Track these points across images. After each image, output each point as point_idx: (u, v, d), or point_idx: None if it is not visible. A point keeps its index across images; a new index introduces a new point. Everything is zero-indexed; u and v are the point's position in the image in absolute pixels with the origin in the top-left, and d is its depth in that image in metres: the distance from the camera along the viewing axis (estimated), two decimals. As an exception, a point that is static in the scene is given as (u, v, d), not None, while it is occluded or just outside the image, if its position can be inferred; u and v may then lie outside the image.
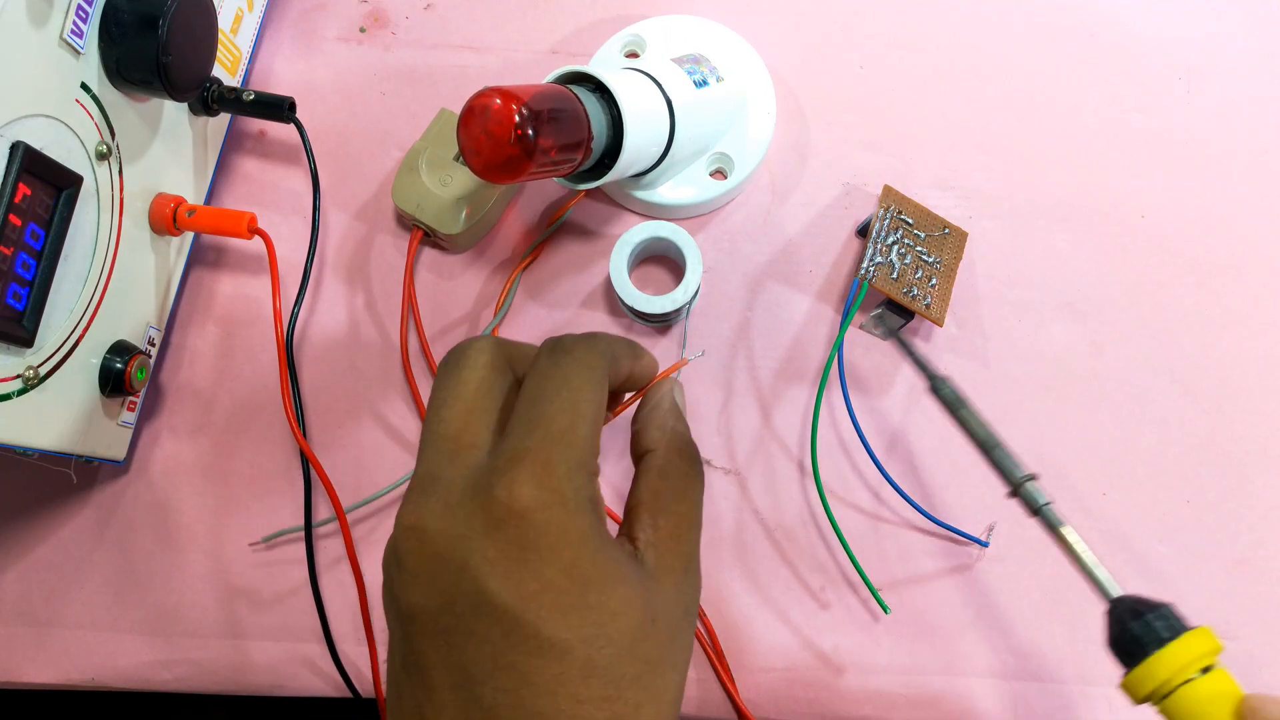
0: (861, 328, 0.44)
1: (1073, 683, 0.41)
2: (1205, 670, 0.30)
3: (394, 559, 0.27)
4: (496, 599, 0.25)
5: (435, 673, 0.26)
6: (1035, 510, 0.34)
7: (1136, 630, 0.31)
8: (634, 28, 0.46)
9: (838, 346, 0.41)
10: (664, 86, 0.40)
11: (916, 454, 0.43)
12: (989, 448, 0.35)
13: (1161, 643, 0.31)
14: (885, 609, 0.41)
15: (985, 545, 0.42)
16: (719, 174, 0.45)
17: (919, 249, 0.42)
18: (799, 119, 0.47)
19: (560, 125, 0.35)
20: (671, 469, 0.30)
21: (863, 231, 0.42)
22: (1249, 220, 0.45)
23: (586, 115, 0.36)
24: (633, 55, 0.46)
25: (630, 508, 0.29)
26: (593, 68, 0.38)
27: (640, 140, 0.38)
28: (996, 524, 0.42)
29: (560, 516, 0.26)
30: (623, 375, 0.30)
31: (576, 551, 0.26)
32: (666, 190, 0.44)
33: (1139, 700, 0.31)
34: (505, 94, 0.34)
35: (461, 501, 0.26)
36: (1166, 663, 0.30)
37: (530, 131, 0.34)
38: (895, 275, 0.41)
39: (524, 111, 0.33)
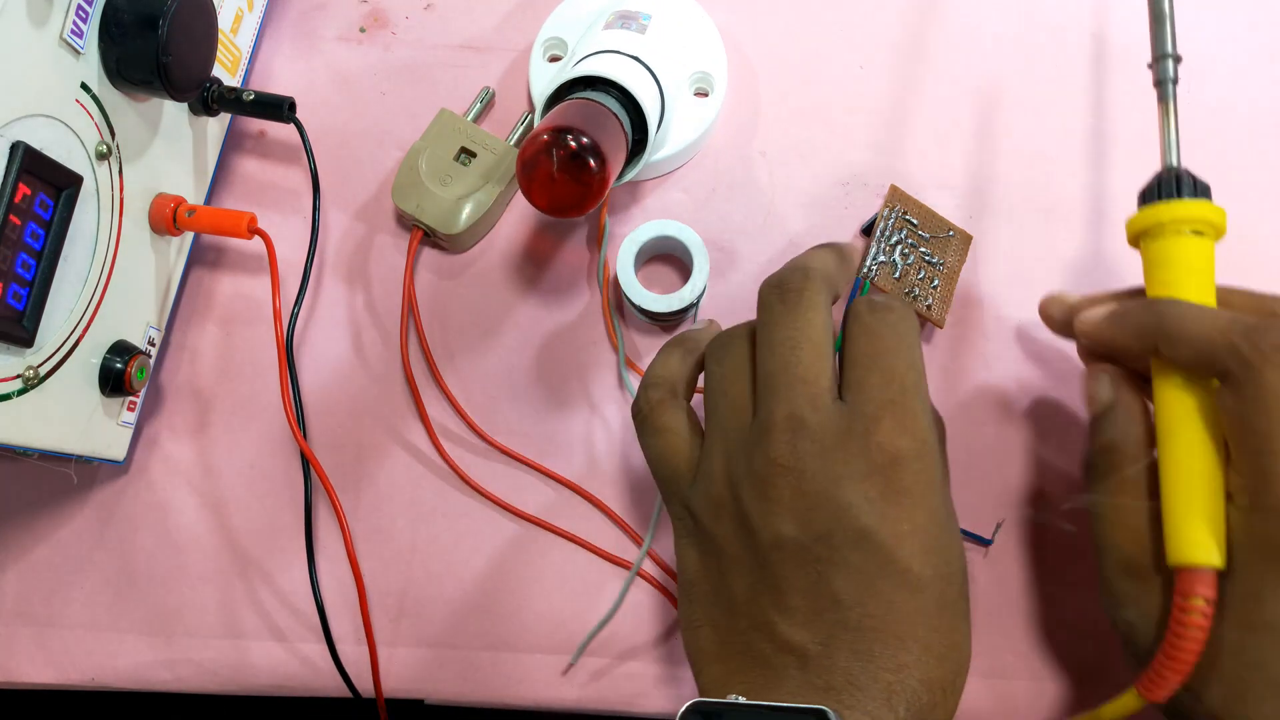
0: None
1: (1073, 683, 0.41)
2: (1197, 233, 0.34)
3: (756, 492, 0.30)
4: (876, 535, 0.29)
5: (800, 596, 0.29)
6: (1158, 81, 0.38)
7: (1164, 184, 0.35)
8: (545, 29, 0.47)
9: (837, 346, 0.41)
10: (623, 50, 0.40)
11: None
12: (1158, 19, 0.38)
13: (1176, 197, 0.35)
14: None
15: (989, 543, 0.42)
16: (701, 93, 0.45)
17: (923, 250, 0.41)
18: (799, 119, 0.47)
19: (607, 134, 0.35)
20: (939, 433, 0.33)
21: (867, 230, 0.42)
22: (1249, 220, 0.45)
23: (615, 113, 0.37)
24: (555, 59, 0.47)
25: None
26: (582, 69, 0.38)
27: (650, 105, 0.39)
28: (1003, 521, 0.42)
29: (929, 465, 0.30)
30: None
31: (939, 498, 0.30)
32: (675, 139, 0.45)
33: (1132, 238, 0.36)
34: (553, 130, 0.34)
35: (839, 445, 0.30)
36: (1167, 211, 0.35)
37: (594, 159, 0.34)
38: (898, 275, 0.41)
39: (583, 141, 0.34)
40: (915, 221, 0.42)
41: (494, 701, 0.42)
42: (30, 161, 0.32)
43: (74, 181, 0.35)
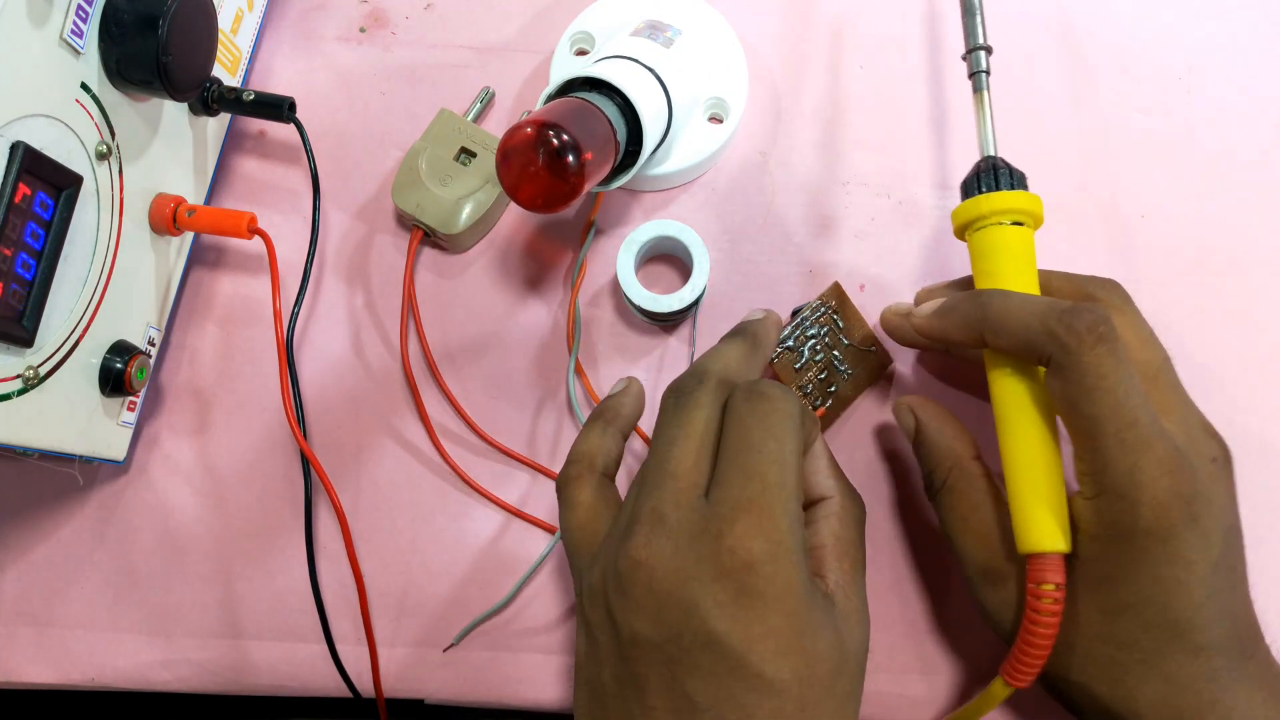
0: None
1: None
2: (1016, 224, 0.36)
3: (618, 587, 0.30)
4: (725, 640, 0.28)
5: (656, 695, 0.29)
6: (972, 73, 0.39)
7: (983, 176, 0.37)
8: (575, 23, 0.46)
9: None
10: (641, 60, 0.40)
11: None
12: (968, 12, 0.40)
13: (995, 189, 0.36)
14: None
15: None
16: (715, 119, 0.45)
17: (836, 353, 0.41)
18: (800, 118, 0.47)
19: (594, 137, 0.35)
20: (848, 516, 0.33)
21: (796, 314, 0.42)
22: (1249, 220, 0.45)
23: (608, 117, 0.37)
24: (582, 53, 0.46)
25: (814, 549, 0.32)
26: (590, 70, 0.38)
27: (651, 118, 0.39)
28: None
29: (785, 569, 0.29)
30: (806, 435, 0.33)
31: (796, 601, 0.29)
32: (677, 157, 0.44)
33: (958, 230, 0.37)
34: (538, 125, 0.34)
35: (691, 545, 0.29)
36: (989, 203, 0.36)
37: (574, 158, 0.34)
38: (799, 366, 0.40)
39: (564, 138, 0.33)
40: (842, 324, 0.41)
41: (494, 701, 0.42)
42: (30, 161, 0.32)
43: (74, 181, 0.35)
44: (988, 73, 0.39)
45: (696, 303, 0.43)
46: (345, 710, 0.43)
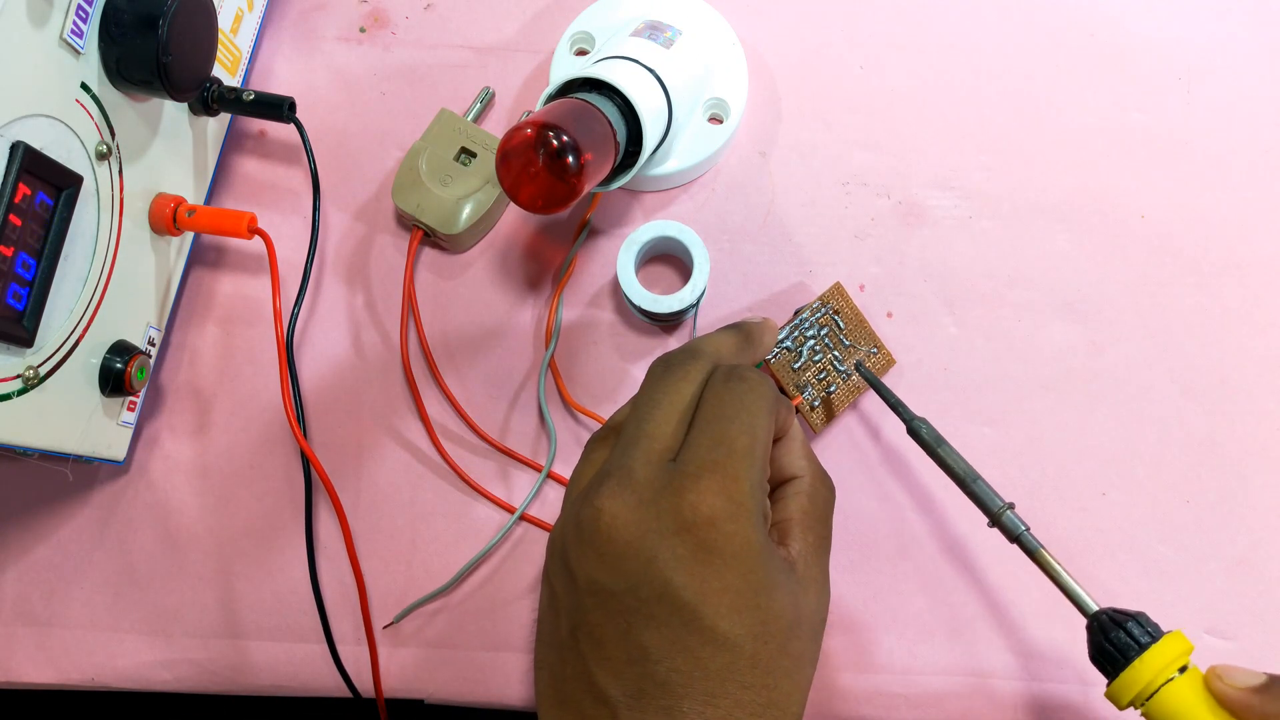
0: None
1: (1072, 683, 0.41)
2: (1182, 670, 0.33)
3: (578, 534, 0.31)
4: (681, 593, 0.29)
5: (612, 645, 0.30)
6: (1014, 537, 0.36)
7: (1116, 640, 0.33)
8: (575, 23, 0.46)
9: None
10: (641, 61, 0.40)
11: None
12: (969, 481, 0.37)
13: (1141, 649, 0.33)
14: None
15: None
16: (715, 119, 0.45)
17: (835, 354, 0.41)
18: (799, 119, 0.47)
19: (593, 138, 0.35)
20: (817, 495, 0.34)
21: (797, 314, 0.42)
22: (1249, 220, 0.45)
23: (607, 118, 0.37)
24: (582, 53, 0.46)
25: (780, 522, 0.33)
26: (590, 71, 0.38)
27: (651, 119, 0.39)
28: None
29: (743, 528, 0.29)
30: (780, 418, 0.34)
31: (754, 560, 0.29)
32: (678, 158, 0.44)
33: (1123, 706, 0.34)
34: (538, 126, 0.34)
35: (655, 499, 0.30)
36: (1147, 667, 0.33)
37: (573, 159, 0.34)
38: (798, 366, 0.41)
39: (564, 139, 0.34)
40: (842, 325, 0.41)
41: (494, 701, 0.42)
42: (30, 161, 0.32)
43: (74, 181, 0.35)
44: (1028, 528, 0.36)
45: (696, 303, 0.43)
46: (345, 710, 0.43)
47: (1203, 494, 0.42)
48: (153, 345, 0.43)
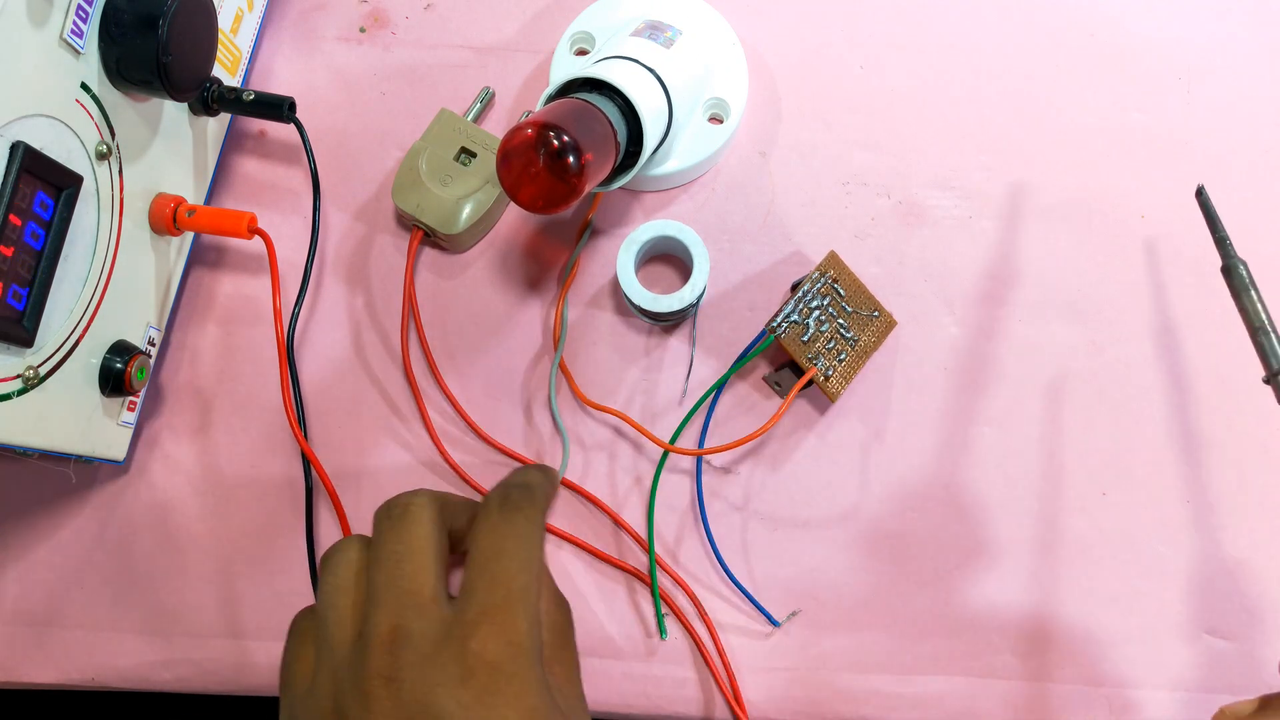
0: (764, 379, 0.43)
1: (1073, 683, 0.41)
2: None
3: (360, 706, 0.30)
4: None
5: None
6: None
7: None
8: (576, 23, 0.46)
9: (717, 386, 0.42)
10: (641, 61, 0.40)
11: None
12: (1260, 331, 0.37)
13: None
14: (774, 622, 0.42)
15: (777, 625, 0.42)
16: (715, 119, 0.45)
17: (840, 321, 0.41)
18: (799, 119, 0.47)
19: (594, 138, 0.35)
20: (553, 623, 0.34)
21: (796, 287, 0.42)
22: (1249, 220, 0.45)
23: (608, 118, 0.37)
24: (582, 53, 0.46)
25: None
26: (590, 71, 0.38)
27: (651, 119, 0.39)
28: (798, 613, 0.42)
29: (524, 667, 0.30)
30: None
31: (536, 699, 0.30)
32: (678, 158, 0.44)
33: None
34: (539, 126, 0.34)
35: (435, 653, 0.30)
36: None
37: (574, 159, 0.34)
38: (807, 338, 0.41)
39: (564, 139, 0.33)
40: (843, 292, 0.42)
41: (494, 701, 0.42)
42: (30, 161, 0.32)
43: (74, 181, 0.35)
44: None
45: (696, 303, 0.43)
46: (345, 710, 0.43)
47: (1202, 494, 0.42)
48: (153, 345, 0.43)
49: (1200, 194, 0.39)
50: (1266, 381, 0.36)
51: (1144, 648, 0.41)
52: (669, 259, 0.45)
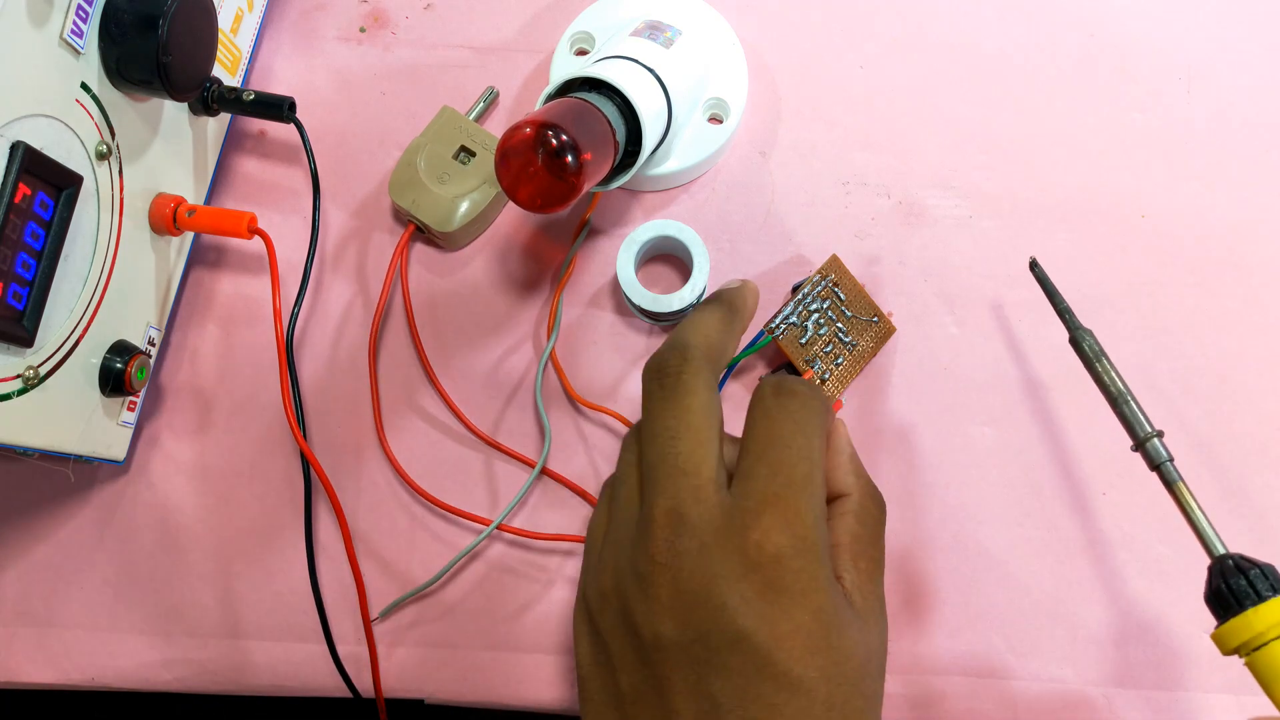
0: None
1: (1073, 683, 0.41)
2: None
3: (640, 588, 0.29)
4: (753, 638, 0.27)
5: (680, 698, 0.28)
6: (1155, 466, 0.36)
7: (1236, 585, 0.33)
8: (575, 23, 0.46)
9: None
10: (641, 60, 0.40)
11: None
12: (1120, 401, 0.37)
13: (1259, 599, 0.32)
14: None
15: None
16: (715, 119, 0.45)
17: (839, 325, 0.41)
18: (799, 118, 0.47)
19: (593, 137, 0.35)
20: (867, 515, 0.32)
21: (796, 289, 0.42)
22: (1249, 220, 0.45)
23: (607, 118, 0.37)
24: (582, 53, 0.46)
25: (831, 547, 0.31)
26: (590, 70, 0.38)
27: (651, 119, 0.39)
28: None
29: (811, 564, 0.28)
30: (829, 427, 0.32)
31: (824, 597, 0.28)
32: (677, 158, 0.44)
33: (1228, 651, 0.33)
34: (537, 125, 0.34)
35: (716, 542, 0.28)
36: (1261, 618, 0.32)
37: (572, 158, 0.34)
38: (804, 341, 0.41)
39: (563, 138, 0.33)
40: (843, 296, 0.42)
41: (494, 702, 0.42)
42: (30, 161, 0.32)
43: (74, 181, 0.35)
44: (1172, 459, 0.36)
45: (696, 303, 0.43)
46: (345, 710, 0.43)
47: (1202, 494, 0.42)
48: (153, 345, 0.43)
49: (1034, 267, 0.39)
50: (1134, 449, 0.36)
51: (1144, 648, 0.41)
52: (669, 259, 0.45)
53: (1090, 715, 0.41)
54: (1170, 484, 0.35)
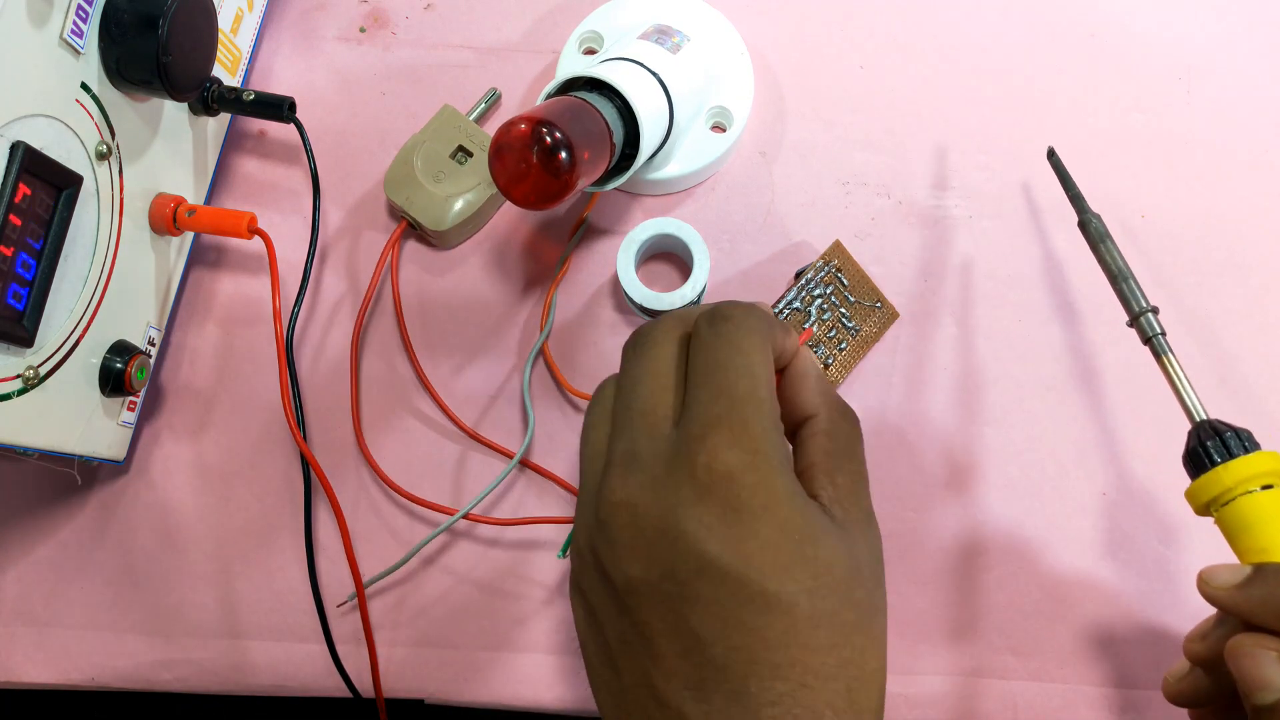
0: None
1: (1073, 682, 0.41)
2: (1266, 487, 0.33)
3: (603, 536, 0.28)
4: (719, 561, 0.26)
5: (662, 640, 0.27)
6: (1146, 339, 0.37)
7: (1211, 446, 0.34)
8: (585, 23, 0.46)
9: None
10: (645, 64, 0.40)
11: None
12: (1120, 279, 0.38)
13: (1230, 457, 0.34)
14: None
15: None
16: (718, 128, 0.45)
17: (843, 310, 0.41)
18: (799, 118, 0.47)
19: (589, 137, 0.35)
20: (838, 430, 0.31)
21: (799, 275, 0.42)
22: (1249, 220, 0.45)
23: (604, 118, 0.37)
24: (590, 52, 0.46)
25: (803, 470, 0.30)
26: (591, 70, 0.38)
27: (650, 123, 0.39)
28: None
29: (766, 475, 0.27)
30: (779, 347, 0.31)
31: (787, 508, 0.27)
32: (678, 163, 0.44)
33: (1199, 508, 0.35)
34: (533, 121, 0.34)
35: (668, 472, 0.28)
36: (1230, 474, 0.33)
37: (566, 156, 0.34)
38: (807, 325, 0.41)
39: (557, 136, 0.33)
40: (846, 282, 0.42)
41: (494, 702, 0.42)
42: (30, 161, 0.32)
43: (74, 181, 0.35)
44: (1164, 333, 0.37)
45: (697, 300, 0.43)
46: (345, 710, 0.43)
47: (1203, 494, 0.42)
48: (153, 345, 0.43)
49: (1051, 155, 0.42)
50: (1130, 324, 0.38)
51: (1144, 648, 0.41)
52: (669, 257, 0.45)
53: (1090, 715, 0.41)
54: (1159, 354, 0.37)
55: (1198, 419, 0.36)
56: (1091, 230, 0.40)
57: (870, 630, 0.28)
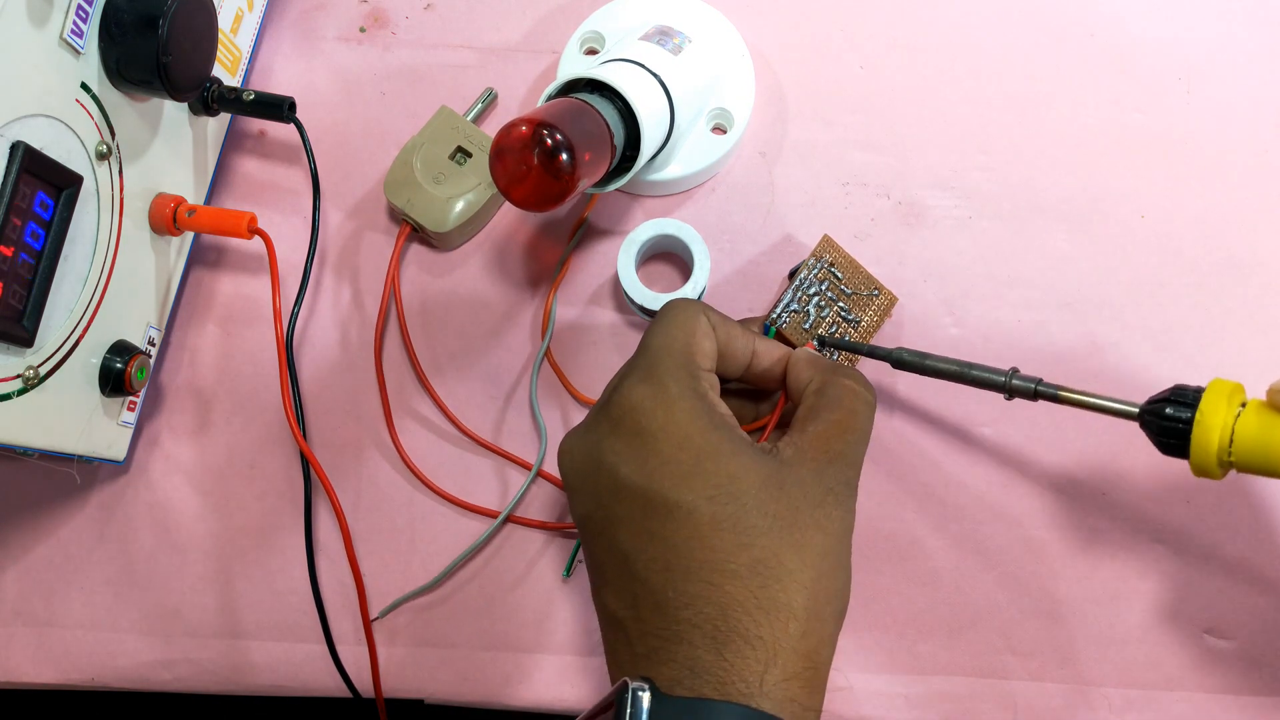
0: None
1: (1072, 683, 0.41)
2: (1243, 405, 0.32)
3: (567, 488, 0.33)
4: (629, 481, 0.30)
5: (610, 568, 0.31)
6: (1033, 394, 0.36)
7: (1170, 415, 0.33)
8: (587, 23, 0.46)
9: None
10: (647, 65, 0.40)
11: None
12: (965, 374, 0.38)
13: (1192, 406, 0.32)
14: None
15: None
16: (719, 129, 0.45)
17: (840, 305, 0.41)
18: (799, 119, 0.47)
19: (589, 138, 0.35)
20: (830, 386, 0.34)
21: (794, 274, 0.42)
22: (1249, 220, 0.45)
23: (605, 120, 0.37)
24: (591, 52, 0.46)
25: (792, 423, 0.34)
26: (592, 72, 0.38)
27: (651, 124, 0.39)
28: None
29: (666, 404, 0.31)
30: (716, 324, 0.34)
31: (687, 429, 0.30)
32: (678, 165, 0.44)
33: (1213, 465, 0.32)
34: (533, 123, 0.34)
35: (594, 416, 0.33)
36: (1210, 413, 0.32)
37: (567, 158, 0.34)
38: (809, 325, 0.41)
39: (558, 137, 0.34)
40: (841, 275, 0.42)
41: (494, 702, 0.42)
42: (30, 161, 0.32)
43: (74, 181, 0.35)
44: (1040, 380, 0.36)
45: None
46: (345, 710, 0.43)
47: (1202, 494, 0.42)
48: (153, 345, 0.43)
49: (820, 340, 0.41)
50: (1009, 399, 0.37)
51: (1144, 648, 0.41)
52: (669, 257, 0.45)
53: (1090, 715, 0.41)
54: (1055, 396, 0.36)
55: (1137, 410, 0.34)
56: (906, 360, 0.38)
57: (788, 539, 0.29)
